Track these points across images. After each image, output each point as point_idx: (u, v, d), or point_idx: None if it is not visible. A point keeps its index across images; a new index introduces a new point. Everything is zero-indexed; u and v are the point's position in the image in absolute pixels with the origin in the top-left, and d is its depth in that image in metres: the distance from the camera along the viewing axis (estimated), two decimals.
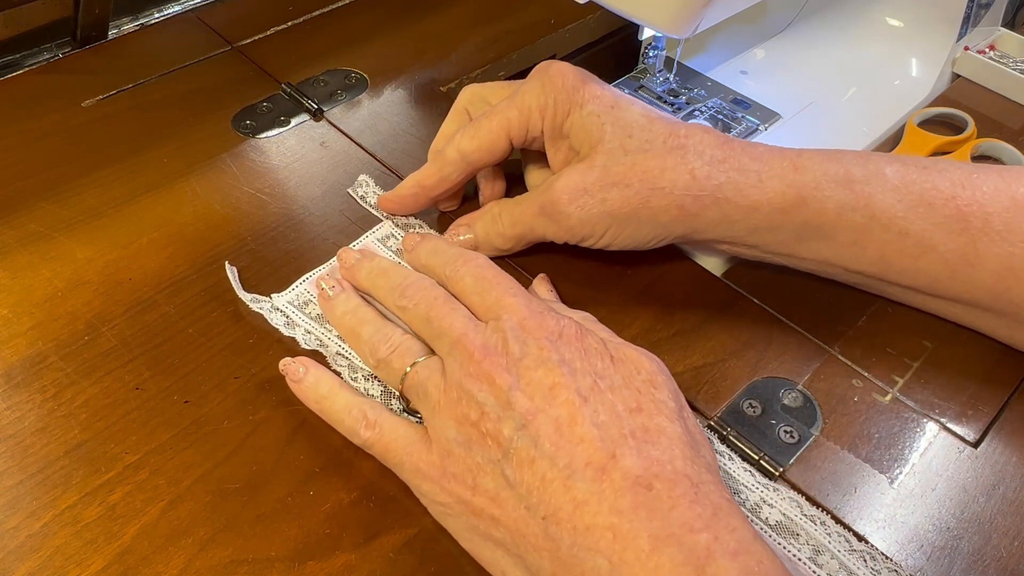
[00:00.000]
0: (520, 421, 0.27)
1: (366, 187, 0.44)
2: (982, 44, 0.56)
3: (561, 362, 0.29)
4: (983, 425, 0.35)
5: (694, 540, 0.25)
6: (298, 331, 0.36)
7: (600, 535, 0.25)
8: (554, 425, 0.27)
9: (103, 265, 0.40)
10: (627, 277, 0.40)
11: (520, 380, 0.28)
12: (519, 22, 0.59)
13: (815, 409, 0.35)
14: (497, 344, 0.30)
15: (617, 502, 0.25)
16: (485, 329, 0.31)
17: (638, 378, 0.29)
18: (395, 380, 0.33)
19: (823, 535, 0.30)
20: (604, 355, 0.30)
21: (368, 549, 0.30)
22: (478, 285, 0.33)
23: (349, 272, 0.37)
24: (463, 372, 0.29)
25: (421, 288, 0.34)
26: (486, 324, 0.31)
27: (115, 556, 0.29)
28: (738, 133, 0.52)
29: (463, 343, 0.30)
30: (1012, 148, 0.48)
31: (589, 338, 0.30)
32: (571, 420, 0.27)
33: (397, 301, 0.34)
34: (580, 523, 0.25)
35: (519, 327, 0.30)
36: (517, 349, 0.29)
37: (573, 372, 0.28)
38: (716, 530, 0.25)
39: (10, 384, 0.35)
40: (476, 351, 0.29)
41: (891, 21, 0.59)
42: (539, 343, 0.29)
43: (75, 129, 0.48)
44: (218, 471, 0.32)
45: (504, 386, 0.28)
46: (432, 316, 0.32)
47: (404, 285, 0.34)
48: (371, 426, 0.31)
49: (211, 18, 0.58)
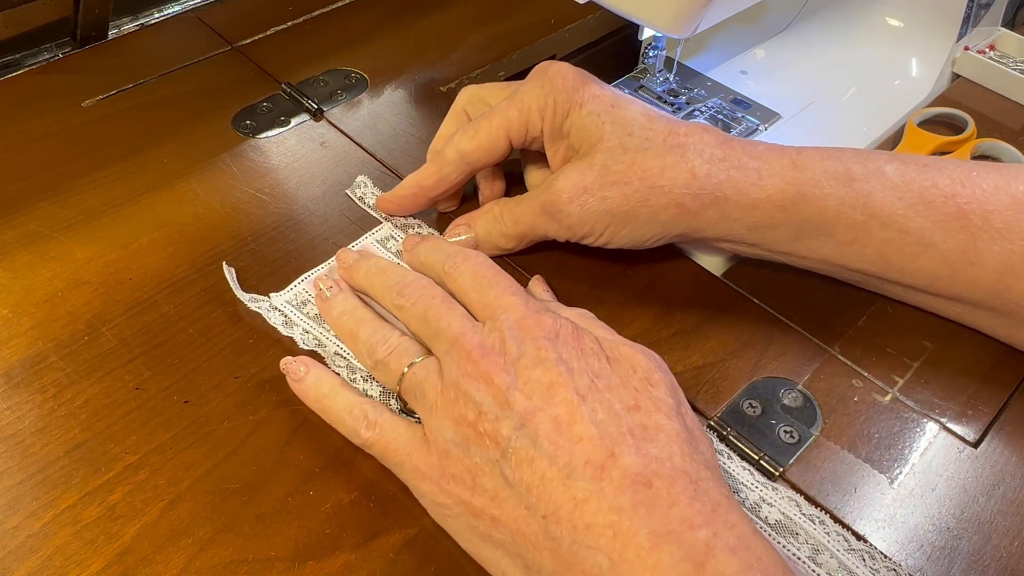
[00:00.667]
0: (519, 420, 0.27)
1: (364, 188, 0.44)
2: (982, 44, 0.56)
3: (559, 361, 0.29)
4: (983, 425, 0.35)
5: (694, 536, 0.25)
6: (296, 331, 0.36)
7: (600, 533, 0.25)
8: (553, 424, 0.27)
9: (103, 265, 0.40)
10: (627, 276, 0.40)
11: (518, 379, 0.28)
12: (519, 22, 0.59)
13: (815, 409, 0.35)
14: (495, 344, 0.30)
15: (616, 500, 0.25)
16: (483, 329, 0.30)
17: (635, 376, 0.29)
18: (392, 381, 0.33)
19: (822, 534, 0.30)
20: (600, 354, 0.30)
21: (368, 549, 0.30)
22: (476, 283, 0.33)
23: (347, 272, 0.37)
24: (460, 372, 0.29)
25: (419, 287, 0.34)
26: (483, 324, 0.31)
27: (115, 556, 0.29)
28: (738, 133, 0.52)
29: (460, 343, 0.30)
30: (1012, 148, 0.48)
31: (585, 337, 0.30)
32: (570, 419, 0.27)
33: (394, 300, 0.34)
34: (580, 521, 0.25)
35: (517, 326, 0.30)
36: (515, 348, 0.29)
37: (571, 371, 0.28)
38: (715, 526, 0.25)
39: (10, 384, 0.35)
40: (474, 351, 0.29)
41: (891, 21, 0.59)
42: (537, 342, 0.29)
43: (75, 129, 0.48)
44: (218, 471, 0.32)
45: (502, 386, 0.28)
46: (429, 316, 0.32)
47: (402, 284, 0.34)
48: (372, 426, 0.31)
49: (211, 18, 0.58)
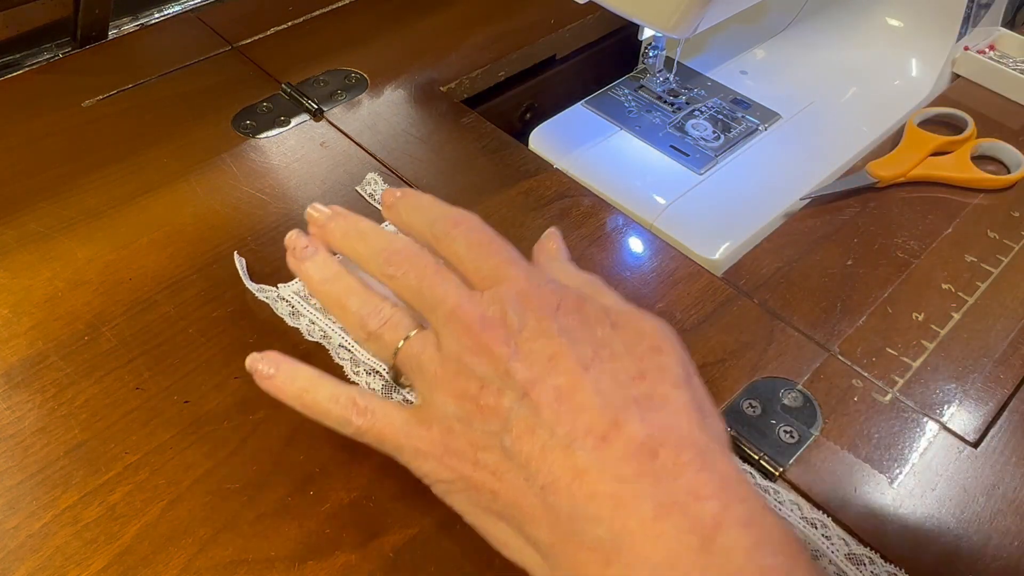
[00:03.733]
0: (520, 391, 0.26)
1: (375, 185, 0.44)
2: (982, 44, 0.56)
3: (561, 331, 0.28)
4: (983, 425, 0.35)
5: (700, 508, 0.24)
6: (303, 321, 0.36)
7: (601, 503, 0.24)
8: (555, 394, 0.26)
9: (103, 265, 0.40)
10: (627, 277, 0.40)
11: (519, 351, 0.27)
12: (519, 22, 0.59)
13: (815, 409, 0.35)
14: (495, 315, 0.28)
15: (620, 470, 0.25)
16: (482, 299, 0.29)
17: (641, 345, 0.28)
18: (387, 354, 0.31)
19: (819, 539, 0.30)
20: (605, 323, 0.29)
21: (368, 549, 0.30)
22: (472, 251, 0.31)
23: (321, 231, 0.34)
24: (460, 346, 0.28)
25: (408, 256, 0.31)
26: (482, 293, 0.29)
27: (115, 556, 0.29)
28: (738, 133, 0.52)
29: (458, 315, 0.28)
30: (1012, 148, 0.48)
31: (589, 307, 0.29)
32: (572, 388, 0.26)
33: (383, 269, 0.32)
34: (580, 492, 0.25)
35: (517, 299, 0.28)
36: (516, 321, 0.28)
37: (574, 342, 0.27)
38: (725, 499, 0.24)
39: (10, 384, 0.35)
40: (474, 323, 0.28)
41: (891, 21, 0.59)
42: (538, 314, 0.28)
43: (75, 129, 0.48)
44: (218, 471, 0.32)
45: (503, 357, 0.27)
46: (423, 286, 0.30)
47: (389, 251, 0.31)
48: (362, 412, 0.30)
49: (211, 18, 0.58)
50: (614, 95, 0.55)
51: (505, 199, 0.44)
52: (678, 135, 0.52)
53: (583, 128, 0.52)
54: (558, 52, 0.60)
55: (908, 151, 0.49)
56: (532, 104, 0.62)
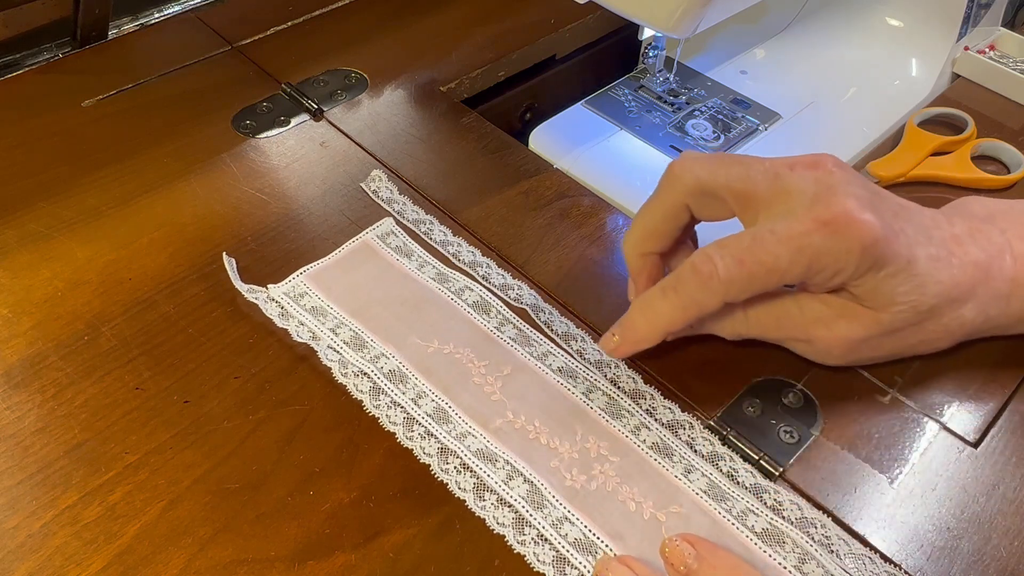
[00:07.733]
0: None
1: (379, 182, 0.44)
2: (982, 44, 0.56)
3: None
4: (983, 425, 0.35)
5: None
6: (291, 323, 0.37)
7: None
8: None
9: (103, 265, 0.40)
10: (627, 278, 0.40)
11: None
12: (519, 22, 0.59)
13: (815, 409, 0.35)
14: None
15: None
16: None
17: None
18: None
19: (807, 543, 0.30)
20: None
21: (368, 549, 0.30)
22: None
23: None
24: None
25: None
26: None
27: (115, 556, 0.29)
28: (738, 133, 0.52)
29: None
30: (1012, 148, 0.48)
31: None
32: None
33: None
34: None
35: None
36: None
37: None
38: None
39: (10, 384, 0.35)
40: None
41: (891, 21, 0.59)
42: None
43: (75, 129, 0.48)
44: (218, 471, 0.32)
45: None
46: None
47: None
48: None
49: (211, 18, 0.58)
50: (614, 95, 0.55)
51: (505, 199, 0.44)
52: (678, 135, 0.52)
53: (583, 128, 0.52)
54: (558, 52, 0.61)
55: (908, 151, 0.49)
56: (532, 104, 0.62)
